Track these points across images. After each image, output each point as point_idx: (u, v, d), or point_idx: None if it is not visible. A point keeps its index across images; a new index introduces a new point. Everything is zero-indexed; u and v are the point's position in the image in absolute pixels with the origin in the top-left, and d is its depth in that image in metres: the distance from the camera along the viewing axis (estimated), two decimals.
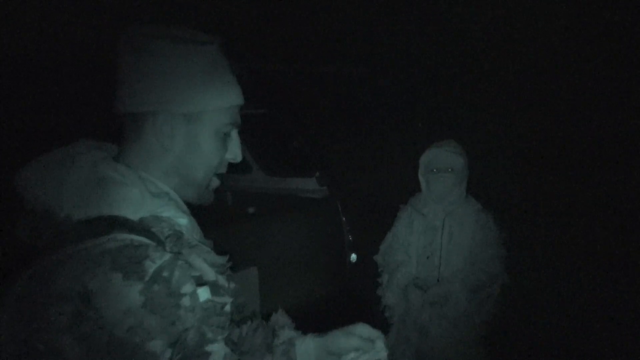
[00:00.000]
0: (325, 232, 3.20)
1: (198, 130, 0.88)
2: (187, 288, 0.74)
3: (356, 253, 3.22)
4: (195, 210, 0.97)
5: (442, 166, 2.32)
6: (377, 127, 5.47)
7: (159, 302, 0.70)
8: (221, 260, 0.88)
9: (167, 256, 0.74)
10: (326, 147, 3.97)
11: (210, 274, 0.84)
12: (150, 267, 0.72)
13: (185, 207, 0.92)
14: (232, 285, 0.91)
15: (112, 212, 0.77)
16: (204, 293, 0.78)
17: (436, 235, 2.39)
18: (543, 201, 4.43)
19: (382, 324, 2.52)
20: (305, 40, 5.45)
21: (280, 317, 1.14)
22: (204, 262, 0.84)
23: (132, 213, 0.79)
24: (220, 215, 3.14)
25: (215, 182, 0.96)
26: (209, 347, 0.75)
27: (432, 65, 5.26)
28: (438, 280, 2.36)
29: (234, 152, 0.94)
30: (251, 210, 3.43)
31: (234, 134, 0.94)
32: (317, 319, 3.19)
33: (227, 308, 0.87)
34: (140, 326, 0.68)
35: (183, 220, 0.86)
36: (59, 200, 0.78)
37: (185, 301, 0.74)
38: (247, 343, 1.00)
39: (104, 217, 0.76)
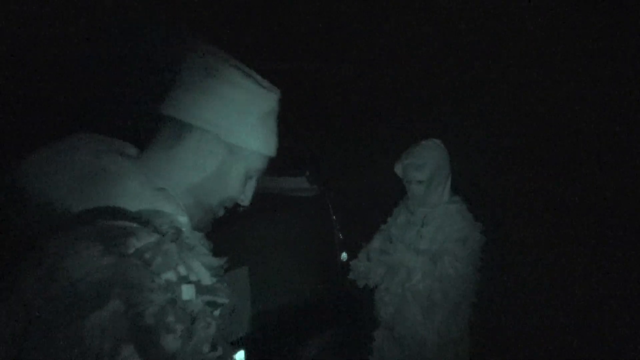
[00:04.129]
0: (316, 231, 3.19)
1: (233, 163, 0.91)
2: (168, 276, 0.72)
3: (347, 252, 3.22)
4: None
5: (410, 178, 2.35)
6: (369, 125, 5.47)
7: (132, 271, 0.67)
8: (218, 262, 0.87)
9: (154, 237, 0.72)
10: (316, 146, 3.96)
11: (206, 278, 0.83)
12: (134, 245, 0.70)
13: (183, 206, 0.90)
14: (226, 288, 0.90)
15: (110, 204, 0.76)
16: (188, 291, 0.76)
17: (413, 229, 2.41)
18: (534, 199, 4.46)
19: (371, 323, 2.53)
20: (294, 38, 5.44)
21: None
22: (202, 265, 0.83)
23: (131, 206, 0.77)
24: None
25: (221, 213, 1.00)
26: (164, 337, 0.69)
27: (424, 63, 5.27)
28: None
29: (247, 195, 1.01)
30: (241, 209, 3.40)
31: (254, 180, 1.00)
32: (307, 319, 3.20)
33: (217, 312, 0.86)
34: (104, 283, 0.65)
35: (183, 219, 0.85)
36: (59, 193, 0.76)
37: (160, 282, 0.71)
38: None
39: (102, 208, 0.75)
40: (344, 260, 3.22)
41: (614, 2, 4.11)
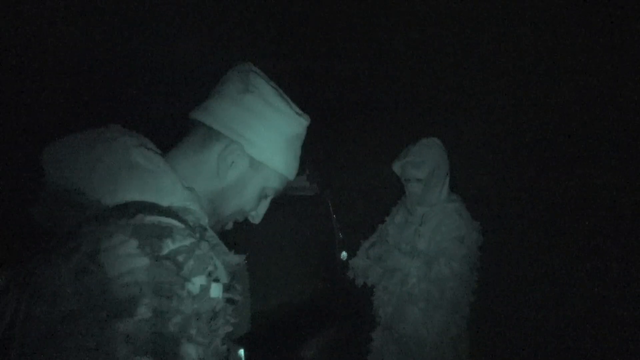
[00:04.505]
0: (316, 230, 3.20)
1: (252, 177, 0.94)
2: (199, 280, 0.73)
3: (347, 251, 3.22)
4: None
5: (408, 177, 2.35)
6: (369, 124, 5.47)
7: (164, 276, 0.68)
8: (238, 259, 0.90)
9: (189, 241, 0.73)
10: (317, 145, 3.96)
11: (224, 276, 0.84)
12: (168, 247, 0.70)
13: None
14: (240, 285, 0.92)
15: (142, 199, 0.77)
16: (216, 290, 0.76)
17: (411, 228, 2.41)
18: (533, 199, 4.47)
19: (371, 322, 2.53)
20: (294, 36, 5.44)
21: None
22: (222, 264, 0.84)
23: (163, 202, 0.79)
24: None
25: (229, 226, 1.01)
26: (184, 346, 0.69)
27: (425, 62, 5.28)
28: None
29: (259, 213, 1.01)
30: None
31: (268, 200, 1.01)
32: (307, 317, 3.20)
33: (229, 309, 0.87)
34: (136, 288, 0.66)
35: (205, 219, 0.87)
36: (89, 184, 0.76)
37: (192, 288, 0.71)
38: None
39: (134, 202, 0.75)
40: (344, 259, 3.22)
41: (614, 2, 4.12)
